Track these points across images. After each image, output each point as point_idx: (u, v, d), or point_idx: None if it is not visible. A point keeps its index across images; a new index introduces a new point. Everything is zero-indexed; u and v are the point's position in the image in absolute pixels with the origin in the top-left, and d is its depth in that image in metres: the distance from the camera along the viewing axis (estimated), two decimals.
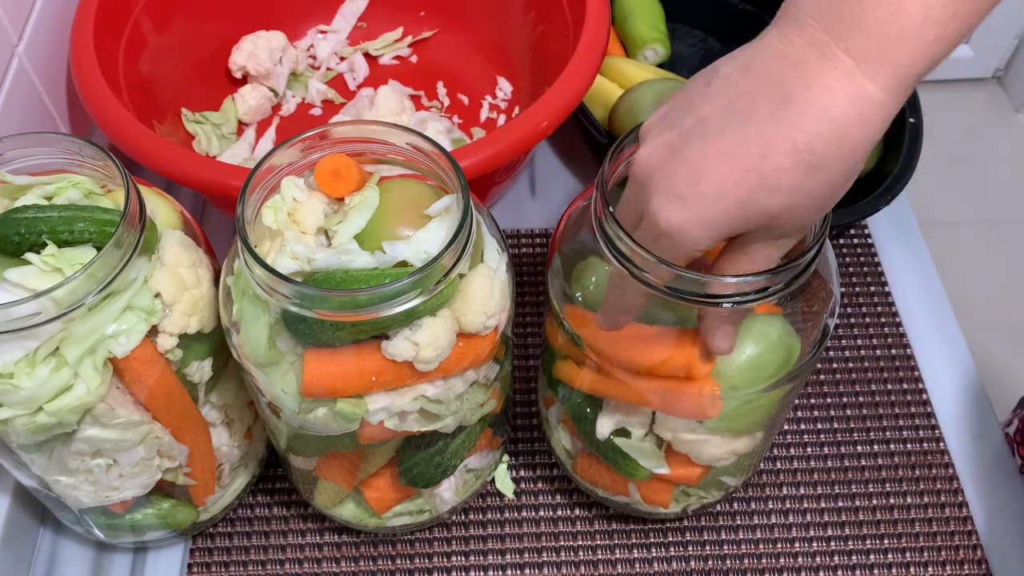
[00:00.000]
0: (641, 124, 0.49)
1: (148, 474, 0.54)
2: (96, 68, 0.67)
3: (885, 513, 0.65)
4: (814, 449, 0.68)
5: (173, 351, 0.49)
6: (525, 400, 0.70)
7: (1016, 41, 2.02)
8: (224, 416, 0.57)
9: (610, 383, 0.52)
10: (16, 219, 0.46)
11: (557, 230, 0.53)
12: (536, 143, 0.66)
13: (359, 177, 0.50)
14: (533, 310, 0.75)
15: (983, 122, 2.04)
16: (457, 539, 0.63)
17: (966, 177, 1.91)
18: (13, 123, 0.66)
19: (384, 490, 0.58)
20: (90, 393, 0.46)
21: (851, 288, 0.76)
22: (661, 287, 0.45)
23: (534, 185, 0.83)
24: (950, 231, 1.82)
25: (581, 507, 0.65)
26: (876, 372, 0.71)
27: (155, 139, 0.64)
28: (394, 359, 0.46)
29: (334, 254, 0.46)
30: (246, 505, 0.64)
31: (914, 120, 0.76)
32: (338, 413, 0.48)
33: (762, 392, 0.50)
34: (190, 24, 0.80)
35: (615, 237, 0.45)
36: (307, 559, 0.62)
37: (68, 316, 0.44)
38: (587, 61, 0.68)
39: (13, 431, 0.47)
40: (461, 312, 0.47)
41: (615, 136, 0.78)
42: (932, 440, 0.68)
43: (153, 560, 0.62)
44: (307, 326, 0.45)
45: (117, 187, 0.50)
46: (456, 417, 0.52)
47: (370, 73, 0.87)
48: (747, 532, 0.64)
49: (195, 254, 0.51)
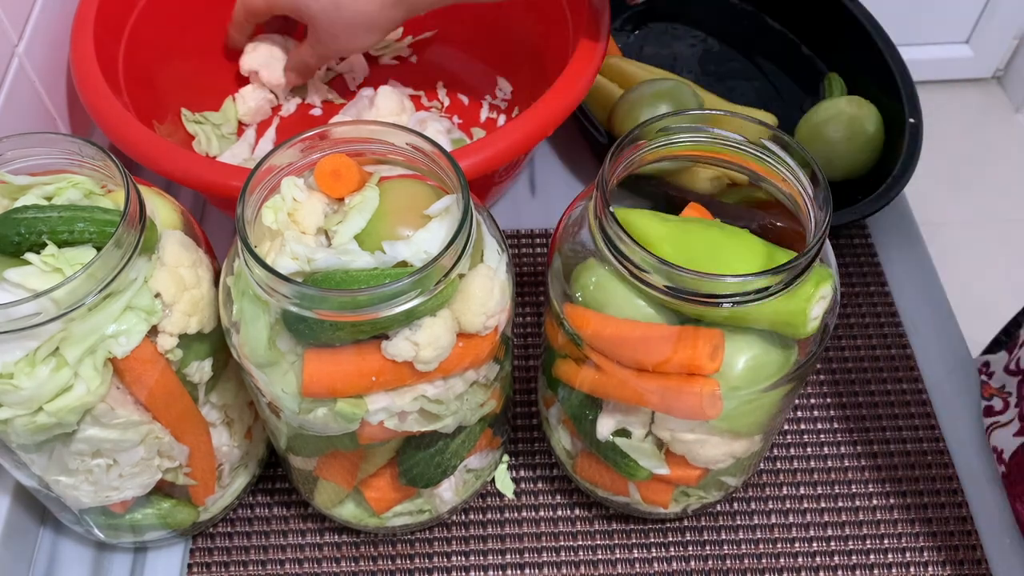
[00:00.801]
0: (641, 123, 0.49)
1: (148, 474, 0.54)
2: (96, 68, 0.67)
3: (885, 513, 0.65)
4: (814, 449, 0.68)
5: (173, 351, 0.49)
6: (525, 400, 0.70)
7: (1016, 41, 2.02)
8: (224, 416, 0.57)
9: (610, 383, 0.52)
10: (16, 219, 0.46)
11: (557, 230, 0.53)
12: (536, 143, 0.66)
13: (359, 177, 0.50)
14: (533, 310, 0.75)
15: (983, 122, 2.04)
16: (457, 539, 0.63)
17: (966, 177, 1.91)
18: (13, 123, 0.66)
19: (384, 490, 0.58)
20: (90, 393, 0.46)
21: (851, 288, 0.76)
22: (661, 287, 0.45)
23: (534, 185, 0.83)
24: (950, 231, 1.82)
25: (581, 507, 0.65)
26: (876, 372, 0.71)
27: (155, 139, 0.64)
28: (394, 359, 0.46)
29: (334, 254, 0.46)
30: (246, 505, 0.64)
31: (914, 120, 0.76)
32: (338, 413, 0.48)
33: (762, 392, 0.50)
34: (189, 24, 0.80)
35: (615, 237, 0.45)
36: (307, 559, 0.62)
37: (68, 316, 0.44)
38: (587, 61, 0.68)
39: (13, 431, 0.47)
40: (461, 312, 0.47)
41: (615, 136, 0.78)
42: (932, 440, 0.68)
43: (153, 560, 0.62)
44: (307, 326, 0.45)
45: (117, 187, 0.50)
46: (456, 417, 0.52)
47: (370, 73, 0.87)
48: (747, 532, 0.64)
49: (195, 254, 0.51)
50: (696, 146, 0.51)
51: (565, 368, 0.55)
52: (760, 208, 0.52)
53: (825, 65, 0.88)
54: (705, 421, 0.52)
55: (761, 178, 0.51)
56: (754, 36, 0.92)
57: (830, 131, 0.76)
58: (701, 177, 0.60)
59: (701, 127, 0.50)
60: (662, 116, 0.49)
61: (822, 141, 0.76)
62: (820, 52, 0.89)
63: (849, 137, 0.76)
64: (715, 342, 0.48)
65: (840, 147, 0.76)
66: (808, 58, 0.89)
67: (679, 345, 0.48)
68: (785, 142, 0.48)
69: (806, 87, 0.88)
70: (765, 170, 0.50)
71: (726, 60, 0.91)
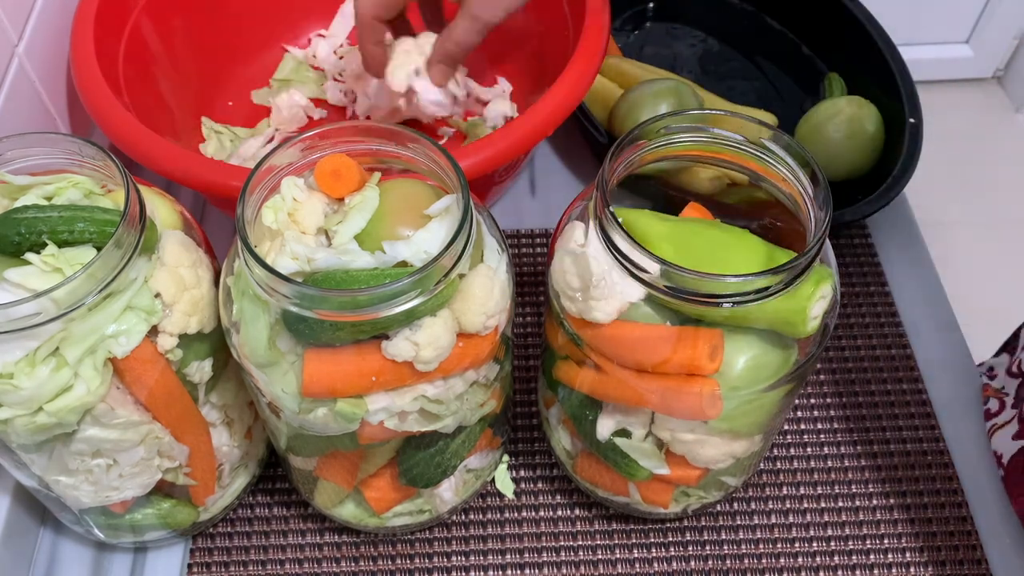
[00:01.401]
0: (641, 123, 0.49)
1: (148, 474, 0.54)
2: (96, 67, 0.67)
3: (885, 513, 0.65)
4: (814, 449, 0.68)
5: (173, 351, 0.49)
6: (525, 400, 0.70)
7: (1016, 41, 2.02)
8: (224, 416, 0.57)
9: (609, 384, 0.52)
10: (16, 219, 0.46)
11: (557, 230, 0.53)
12: (536, 143, 0.66)
13: (359, 177, 0.50)
14: (533, 310, 0.75)
15: (983, 122, 2.04)
16: (457, 539, 0.63)
17: (966, 177, 1.91)
18: (13, 123, 0.66)
19: (384, 490, 0.58)
20: (90, 393, 0.46)
21: (851, 288, 0.76)
22: (661, 286, 0.45)
23: (534, 185, 0.83)
24: (950, 231, 1.82)
25: (581, 507, 0.65)
26: (876, 372, 0.71)
27: (155, 139, 0.64)
28: (394, 359, 0.46)
29: (334, 254, 0.46)
30: (246, 505, 0.64)
31: (914, 120, 0.76)
32: (338, 413, 0.48)
33: (762, 392, 0.50)
34: (192, 23, 0.79)
35: (615, 237, 0.45)
36: (307, 559, 0.62)
37: (68, 316, 0.44)
38: (587, 61, 0.68)
39: (13, 431, 0.47)
40: (461, 312, 0.47)
41: (615, 136, 0.78)
42: (932, 440, 0.68)
43: (153, 560, 0.62)
44: (307, 326, 0.45)
45: (117, 187, 0.50)
46: (456, 417, 0.52)
47: None
48: (747, 532, 0.64)
49: (195, 254, 0.51)
50: (696, 146, 0.51)
51: (565, 368, 0.55)
52: (760, 208, 0.52)
53: (825, 65, 0.88)
54: (705, 421, 0.52)
55: (761, 178, 0.51)
56: (754, 36, 0.92)
57: (830, 131, 0.76)
58: (701, 177, 0.59)
59: (701, 127, 0.50)
60: (662, 116, 0.49)
61: (822, 141, 0.76)
62: (820, 52, 0.89)
63: (849, 137, 0.76)
64: (715, 342, 0.48)
65: (840, 147, 0.76)
66: (808, 58, 0.89)
67: (679, 345, 0.48)
68: (785, 142, 0.48)
69: (806, 87, 0.88)
70: (765, 170, 0.50)
71: (726, 60, 0.91)
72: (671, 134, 0.50)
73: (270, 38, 0.86)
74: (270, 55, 0.86)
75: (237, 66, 0.84)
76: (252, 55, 0.85)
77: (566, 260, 0.49)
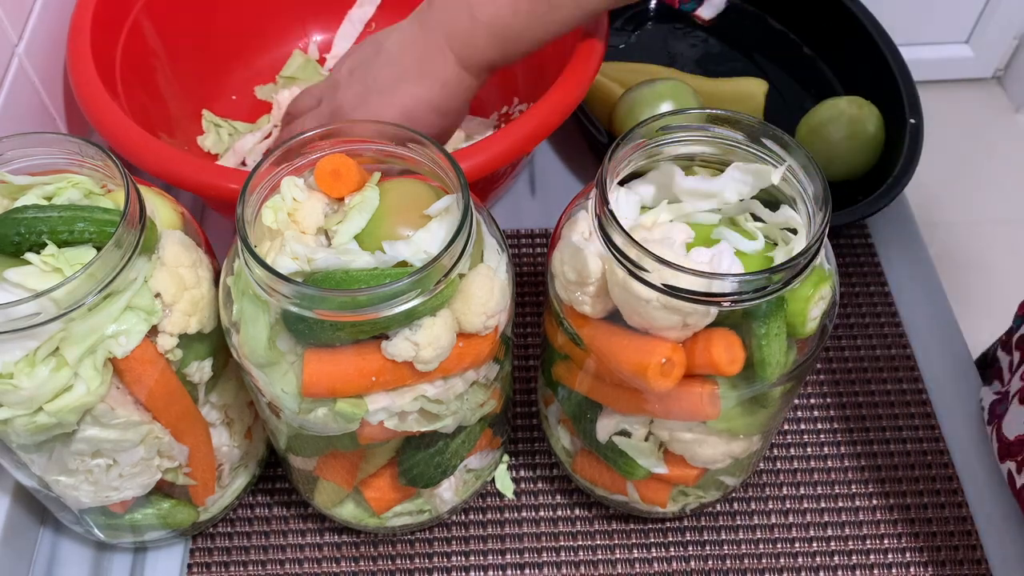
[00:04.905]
0: (640, 123, 0.49)
1: (148, 474, 0.54)
2: (92, 69, 0.66)
3: (885, 513, 0.65)
4: (814, 449, 0.68)
5: (173, 351, 0.49)
6: (525, 400, 0.70)
7: (1016, 41, 2.02)
8: (224, 416, 0.57)
9: (608, 384, 0.52)
10: (16, 219, 0.46)
11: (557, 230, 0.53)
12: (536, 144, 0.66)
13: (359, 177, 0.50)
14: (533, 310, 0.75)
15: (983, 122, 2.04)
16: (457, 539, 0.63)
17: (966, 177, 1.91)
18: (13, 123, 0.66)
19: (384, 490, 0.58)
20: (90, 393, 0.46)
21: (851, 288, 0.76)
22: (660, 286, 0.45)
23: (534, 185, 0.83)
24: (950, 231, 1.82)
25: (581, 507, 0.65)
26: (876, 372, 0.71)
27: (151, 142, 0.64)
28: (394, 359, 0.46)
29: (334, 254, 0.46)
30: (246, 505, 0.64)
31: (914, 120, 0.76)
32: (338, 413, 0.48)
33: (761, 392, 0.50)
34: (189, 24, 0.79)
35: (615, 236, 0.45)
36: (307, 559, 0.62)
37: (68, 316, 0.44)
38: (587, 62, 0.68)
39: (13, 431, 0.47)
40: (461, 312, 0.47)
41: (615, 136, 0.78)
42: (932, 440, 0.68)
43: (153, 560, 0.62)
44: (307, 326, 0.45)
45: (117, 187, 0.50)
46: (456, 417, 0.52)
47: None
48: (747, 532, 0.64)
49: (195, 254, 0.51)
50: (696, 145, 0.51)
51: (564, 368, 0.55)
52: None
53: (825, 65, 0.88)
54: (704, 421, 0.52)
55: None
56: (755, 36, 0.92)
57: (830, 131, 0.76)
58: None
59: (701, 127, 0.50)
60: (662, 116, 0.49)
61: (822, 141, 0.76)
62: (821, 52, 0.89)
63: (849, 137, 0.76)
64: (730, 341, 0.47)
65: (840, 147, 0.76)
66: (809, 58, 0.89)
67: (694, 348, 0.47)
68: (785, 142, 0.48)
69: (806, 87, 0.88)
70: None
71: (726, 60, 0.91)
72: (671, 133, 0.50)
73: (276, 38, 0.86)
74: (278, 52, 0.86)
75: (242, 62, 0.84)
76: (259, 52, 0.85)
77: (567, 251, 0.49)
